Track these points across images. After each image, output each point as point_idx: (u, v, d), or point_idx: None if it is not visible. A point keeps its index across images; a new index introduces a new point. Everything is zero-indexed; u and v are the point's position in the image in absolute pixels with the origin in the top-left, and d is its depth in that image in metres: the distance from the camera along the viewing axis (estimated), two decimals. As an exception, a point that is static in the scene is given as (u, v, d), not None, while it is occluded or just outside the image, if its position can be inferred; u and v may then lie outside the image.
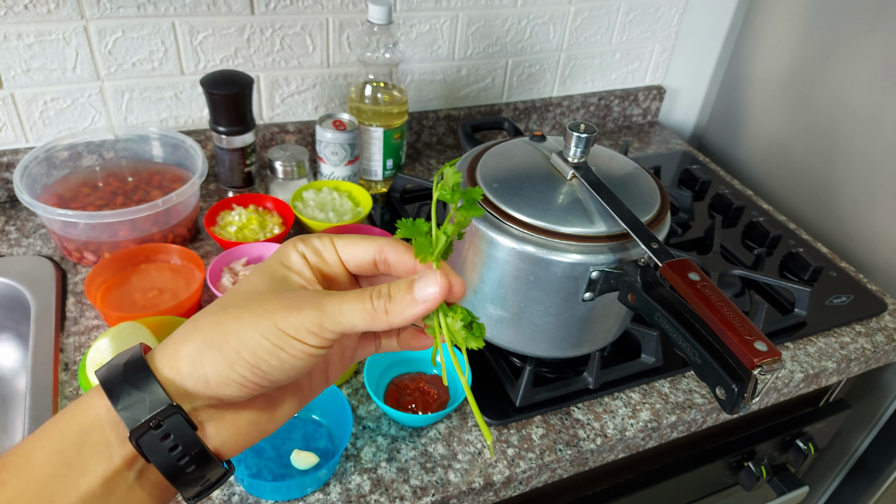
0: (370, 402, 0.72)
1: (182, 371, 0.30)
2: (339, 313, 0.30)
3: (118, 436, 0.30)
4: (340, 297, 0.31)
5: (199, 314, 0.32)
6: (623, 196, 0.65)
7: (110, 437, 0.30)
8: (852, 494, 1.16)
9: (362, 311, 0.31)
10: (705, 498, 0.99)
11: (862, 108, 1.00)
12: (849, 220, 1.05)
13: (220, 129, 0.90)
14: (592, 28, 1.20)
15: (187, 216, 0.88)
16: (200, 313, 0.32)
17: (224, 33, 0.95)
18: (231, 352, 0.30)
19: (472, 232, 0.67)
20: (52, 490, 0.29)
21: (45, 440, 0.30)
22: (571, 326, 0.69)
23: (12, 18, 0.84)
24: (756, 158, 1.22)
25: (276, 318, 0.30)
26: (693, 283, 0.54)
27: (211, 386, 0.30)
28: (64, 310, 0.79)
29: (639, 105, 1.34)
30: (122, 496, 0.30)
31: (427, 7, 1.05)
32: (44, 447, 0.30)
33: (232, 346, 0.30)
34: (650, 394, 0.77)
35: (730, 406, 0.50)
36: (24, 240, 0.88)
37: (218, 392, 0.31)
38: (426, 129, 1.17)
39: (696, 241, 1.02)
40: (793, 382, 0.82)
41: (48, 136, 0.94)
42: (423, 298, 0.31)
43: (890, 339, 0.89)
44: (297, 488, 0.60)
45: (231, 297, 0.32)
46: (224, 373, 0.30)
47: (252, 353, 0.30)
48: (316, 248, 0.34)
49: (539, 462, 0.68)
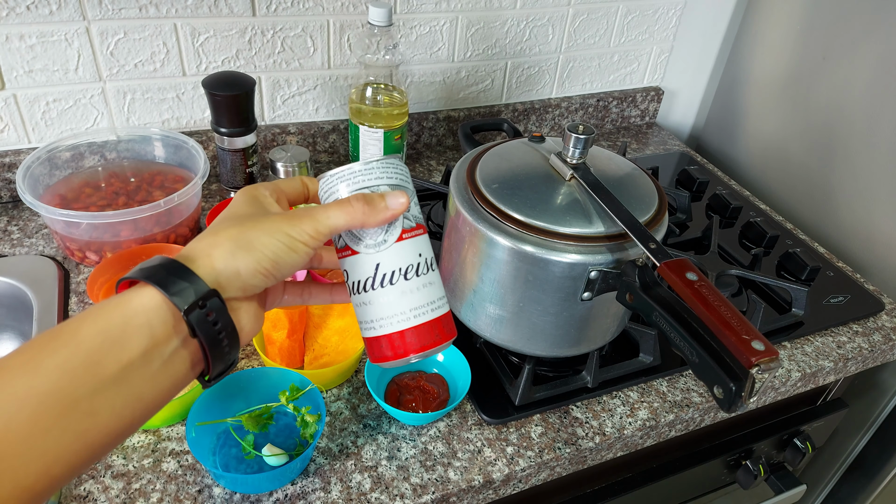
0: (371, 401, 0.72)
1: (217, 268, 0.39)
2: (327, 218, 0.42)
3: (160, 318, 0.37)
4: (325, 208, 0.42)
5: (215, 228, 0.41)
6: (621, 196, 0.65)
7: (153, 321, 0.37)
8: (849, 493, 1.16)
9: (346, 214, 0.42)
10: (703, 496, 0.99)
11: (859, 109, 1.01)
12: (846, 220, 1.06)
13: (221, 130, 0.90)
14: (591, 30, 1.21)
15: (189, 216, 0.89)
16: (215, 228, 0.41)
17: (225, 35, 0.96)
18: (257, 252, 0.40)
19: (472, 232, 0.67)
20: (96, 359, 0.35)
21: (91, 321, 0.36)
22: (570, 326, 0.69)
23: (14, 19, 0.84)
24: (753, 159, 1.23)
25: (286, 228, 0.41)
26: (691, 283, 0.55)
27: (241, 277, 0.40)
28: (66, 309, 0.79)
29: (637, 106, 1.35)
30: (155, 369, 0.37)
31: (427, 9, 1.05)
32: (90, 326, 0.36)
33: (257, 247, 0.40)
34: (648, 392, 0.77)
35: (727, 405, 0.51)
36: (26, 240, 0.89)
37: (247, 281, 0.40)
38: (426, 130, 1.18)
39: (694, 241, 1.02)
40: (790, 381, 0.83)
41: (50, 136, 0.95)
42: (393, 206, 0.43)
43: (887, 338, 0.89)
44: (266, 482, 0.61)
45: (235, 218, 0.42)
46: (253, 266, 0.40)
47: (272, 251, 0.40)
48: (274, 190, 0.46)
49: (538, 460, 0.68)
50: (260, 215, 0.42)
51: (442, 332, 0.45)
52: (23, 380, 0.34)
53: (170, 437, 0.66)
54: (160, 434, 0.67)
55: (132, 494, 0.61)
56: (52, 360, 0.34)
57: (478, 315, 0.72)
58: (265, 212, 0.43)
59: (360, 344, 0.74)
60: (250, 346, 0.77)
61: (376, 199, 0.43)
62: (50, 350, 0.35)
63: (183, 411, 0.67)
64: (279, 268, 0.41)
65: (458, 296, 0.74)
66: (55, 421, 0.34)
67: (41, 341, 0.36)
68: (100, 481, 0.62)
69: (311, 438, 0.64)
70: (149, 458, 0.64)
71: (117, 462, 0.64)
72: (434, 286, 0.45)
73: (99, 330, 0.36)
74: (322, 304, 0.70)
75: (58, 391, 0.34)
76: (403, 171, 0.46)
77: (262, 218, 0.42)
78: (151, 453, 0.65)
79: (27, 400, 0.33)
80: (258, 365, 0.75)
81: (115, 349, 0.36)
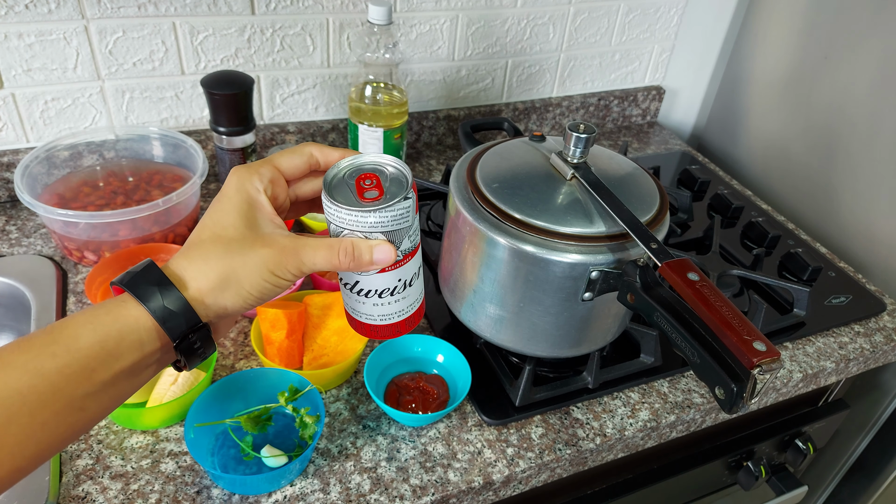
0: (370, 402, 0.72)
1: (206, 302, 0.43)
2: (312, 261, 0.43)
3: (150, 338, 0.41)
4: (314, 248, 0.43)
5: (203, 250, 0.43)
6: (622, 196, 0.65)
7: (143, 338, 0.41)
8: (851, 494, 1.16)
9: (330, 261, 0.43)
10: (704, 497, 0.99)
11: (861, 108, 1.01)
12: (848, 220, 1.06)
13: (220, 130, 0.90)
14: (592, 28, 1.20)
15: (188, 216, 0.88)
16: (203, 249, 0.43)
17: (224, 33, 0.95)
18: (244, 292, 0.43)
19: (472, 232, 0.67)
20: (92, 367, 0.39)
21: (90, 329, 0.40)
22: (571, 326, 0.69)
23: (13, 18, 0.84)
24: (755, 159, 1.22)
25: (272, 267, 0.43)
26: (692, 283, 0.54)
27: (228, 311, 0.44)
28: (64, 309, 0.79)
29: (638, 105, 1.35)
30: (143, 376, 0.43)
31: (427, 7, 1.05)
32: (89, 334, 0.40)
33: (245, 287, 0.43)
34: (649, 393, 0.77)
35: (729, 406, 0.50)
36: (24, 239, 0.89)
37: (231, 313, 0.44)
38: (426, 129, 1.17)
39: (695, 241, 1.02)
40: (792, 382, 0.82)
41: (49, 135, 0.94)
42: (378, 261, 0.44)
43: (889, 339, 0.89)
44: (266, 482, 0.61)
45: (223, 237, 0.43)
46: (240, 304, 0.44)
47: (258, 290, 0.43)
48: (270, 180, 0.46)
49: (538, 461, 0.68)
50: (248, 244, 0.43)
51: (403, 328, 0.51)
52: (25, 379, 0.38)
53: (168, 437, 0.66)
54: (159, 435, 0.66)
55: (130, 495, 0.61)
56: (53, 363, 0.38)
57: (478, 315, 0.72)
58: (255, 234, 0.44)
59: (359, 345, 0.73)
60: (249, 347, 0.77)
61: (364, 254, 0.44)
62: (50, 354, 0.39)
63: (181, 412, 0.67)
64: (262, 300, 0.45)
65: (458, 296, 0.73)
66: (51, 416, 0.38)
67: (42, 342, 0.39)
68: (98, 482, 0.61)
69: (310, 439, 0.63)
70: (147, 459, 0.64)
71: (116, 462, 0.63)
72: (407, 299, 0.49)
73: (97, 340, 0.40)
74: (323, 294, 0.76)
75: (56, 392, 0.38)
76: (404, 213, 0.44)
77: (249, 250, 0.43)
78: (150, 454, 0.64)
79: (29, 398, 0.37)
80: (257, 365, 0.74)
81: (110, 360, 0.40)
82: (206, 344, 0.44)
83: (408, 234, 0.46)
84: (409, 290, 0.49)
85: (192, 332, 0.42)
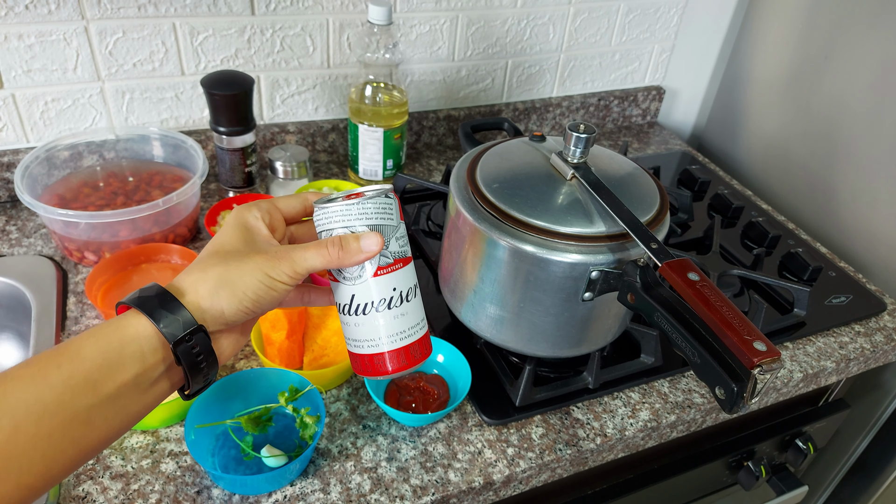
0: (370, 402, 0.72)
1: (203, 306, 0.43)
2: (304, 260, 0.45)
3: (151, 347, 0.42)
4: (304, 249, 0.45)
5: (203, 264, 0.45)
6: (622, 196, 0.65)
7: (144, 348, 0.42)
8: (851, 494, 1.16)
9: (321, 256, 0.45)
10: (705, 497, 0.99)
11: (861, 108, 1.01)
12: (848, 219, 1.06)
13: (220, 130, 0.90)
14: (592, 29, 1.21)
15: (188, 216, 0.88)
16: (203, 263, 0.45)
17: (224, 34, 0.95)
18: (239, 293, 0.44)
19: (472, 232, 0.67)
20: (96, 378, 0.40)
21: (93, 342, 0.41)
22: (571, 326, 0.69)
23: (13, 19, 0.84)
24: (755, 159, 1.22)
25: (266, 269, 0.44)
26: (692, 283, 0.54)
27: (225, 315, 0.44)
28: (65, 309, 0.79)
29: (638, 105, 1.35)
30: (143, 389, 0.43)
31: (427, 8, 1.05)
32: (92, 346, 0.41)
33: (240, 288, 0.44)
34: (650, 393, 0.77)
35: (729, 406, 0.50)
36: (24, 240, 0.89)
37: (230, 318, 0.45)
38: (426, 129, 1.17)
39: (696, 241, 1.02)
40: (792, 382, 0.82)
41: (49, 136, 0.94)
42: (366, 249, 0.45)
43: (889, 338, 0.89)
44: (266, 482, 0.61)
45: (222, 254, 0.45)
46: (236, 306, 0.44)
47: (254, 291, 0.44)
48: (268, 211, 0.48)
49: (539, 461, 0.68)
50: (244, 254, 0.45)
51: (409, 358, 0.49)
52: (31, 389, 0.38)
53: (168, 438, 0.66)
54: (159, 435, 0.66)
55: (131, 495, 0.61)
56: (58, 373, 0.39)
57: (478, 315, 0.72)
58: (250, 247, 0.46)
59: (359, 344, 0.73)
60: (249, 347, 0.77)
61: (351, 243, 0.45)
62: (55, 364, 0.40)
63: (182, 412, 0.67)
64: (259, 305, 0.45)
65: (458, 296, 0.73)
66: (57, 428, 0.38)
67: (48, 355, 0.40)
68: (98, 482, 0.61)
69: (310, 439, 0.63)
70: (147, 459, 0.64)
71: (116, 463, 0.63)
72: (408, 316, 0.49)
73: (100, 351, 0.41)
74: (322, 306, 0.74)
75: (61, 402, 0.39)
76: (387, 208, 0.47)
77: (245, 258, 0.45)
78: (150, 454, 0.64)
79: (34, 408, 0.38)
80: (257, 366, 0.74)
81: (113, 371, 0.41)
82: (205, 352, 0.44)
83: (394, 234, 0.47)
84: (408, 306, 0.48)
85: (190, 335, 0.43)
